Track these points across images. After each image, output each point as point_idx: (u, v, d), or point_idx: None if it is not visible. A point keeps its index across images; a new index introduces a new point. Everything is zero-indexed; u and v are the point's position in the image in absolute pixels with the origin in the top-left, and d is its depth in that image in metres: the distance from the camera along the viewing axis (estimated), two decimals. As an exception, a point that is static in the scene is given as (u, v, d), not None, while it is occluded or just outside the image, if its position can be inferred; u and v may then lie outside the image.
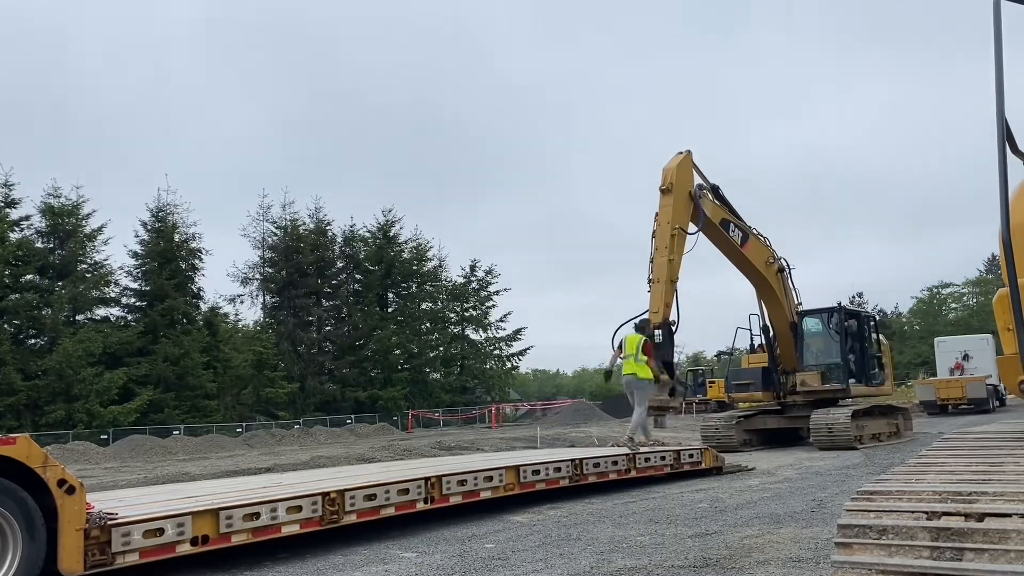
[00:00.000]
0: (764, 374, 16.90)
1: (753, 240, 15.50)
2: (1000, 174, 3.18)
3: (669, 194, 13.47)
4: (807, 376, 16.30)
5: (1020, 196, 4.21)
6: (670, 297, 12.78)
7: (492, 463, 9.27)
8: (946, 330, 55.57)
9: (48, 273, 40.13)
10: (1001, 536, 2.86)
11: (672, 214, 13.28)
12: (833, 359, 16.67)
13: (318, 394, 48.98)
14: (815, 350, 17.03)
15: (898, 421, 17.62)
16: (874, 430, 16.23)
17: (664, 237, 13.17)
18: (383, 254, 55.51)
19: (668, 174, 13.66)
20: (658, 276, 12.94)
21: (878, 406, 17.39)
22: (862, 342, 17.29)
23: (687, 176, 13.91)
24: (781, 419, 16.86)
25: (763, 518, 7.30)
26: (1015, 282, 3.26)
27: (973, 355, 32.11)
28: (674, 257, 13.02)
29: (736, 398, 17.96)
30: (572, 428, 30.07)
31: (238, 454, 25.03)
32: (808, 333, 17.07)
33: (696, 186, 14.02)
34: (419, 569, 5.68)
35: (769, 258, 15.92)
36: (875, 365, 17.65)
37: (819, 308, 17.26)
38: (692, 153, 14.13)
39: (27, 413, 35.91)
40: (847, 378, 16.39)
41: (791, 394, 16.64)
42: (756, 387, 16.93)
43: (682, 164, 13.85)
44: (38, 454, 4.90)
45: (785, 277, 16.38)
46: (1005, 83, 3.25)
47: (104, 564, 5.11)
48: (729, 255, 15.31)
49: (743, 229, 15.22)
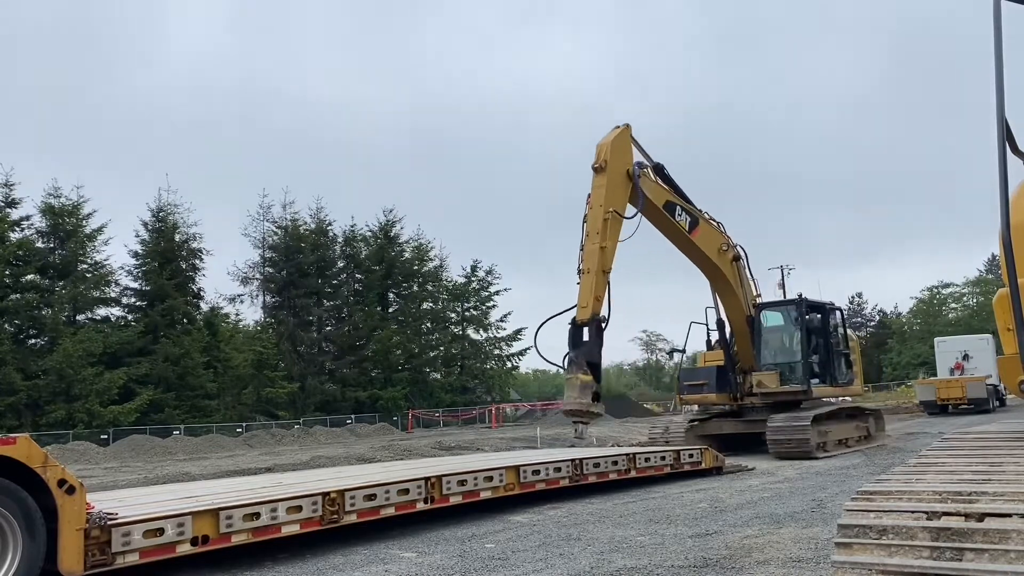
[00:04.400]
0: (719, 374, 15.40)
1: (704, 225, 14.02)
2: (1000, 174, 3.18)
3: (602, 173, 12.00)
4: (764, 376, 14.84)
5: (1020, 196, 4.21)
6: (601, 290, 11.41)
7: (492, 463, 9.27)
8: (946, 330, 55.52)
9: (48, 273, 40.11)
10: (1001, 536, 2.85)
11: (605, 195, 11.83)
12: (794, 357, 15.21)
13: (318, 394, 48.95)
14: (774, 347, 15.55)
15: (868, 424, 16.24)
16: (841, 435, 14.91)
17: (596, 222, 11.74)
18: (384, 254, 55.51)
19: (602, 150, 12.17)
20: (588, 266, 11.52)
21: (846, 408, 16.00)
22: (827, 338, 15.80)
23: (624, 153, 12.46)
24: (738, 423, 15.29)
25: (763, 518, 7.30)
26: (1015, 282, 3.26)
27: (973, 355, 32.11)
28: (607, 244, 11.57)
29: (688, 400, 16.43)
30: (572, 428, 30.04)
31: (238, 454, 25.03)
32: (766, 328, 15.54)
33: (635, 164, 12.57)
34: (419, 569, 5.68)
35: (723, 245, 14.44)
36: (842, 363, 16.16)
37: (778, 300, 15.91)
38: (631, 127, 12.70)
39: (27, 413, 35.90)
40: (808, 378, 14.88)
41: (749, 396, 15.17)
42: (710, 388, 15.39)
43: (618, 139, 12.39)
44: (38, 454, 4.90)
45: (741, 266, 14.88)
46: (1005, 83, 3.25)
47: (104, 564, 5.11)
48: (676, 242, 13.87)
49: (692, 213, 13.76)
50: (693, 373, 16.45)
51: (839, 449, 14.48)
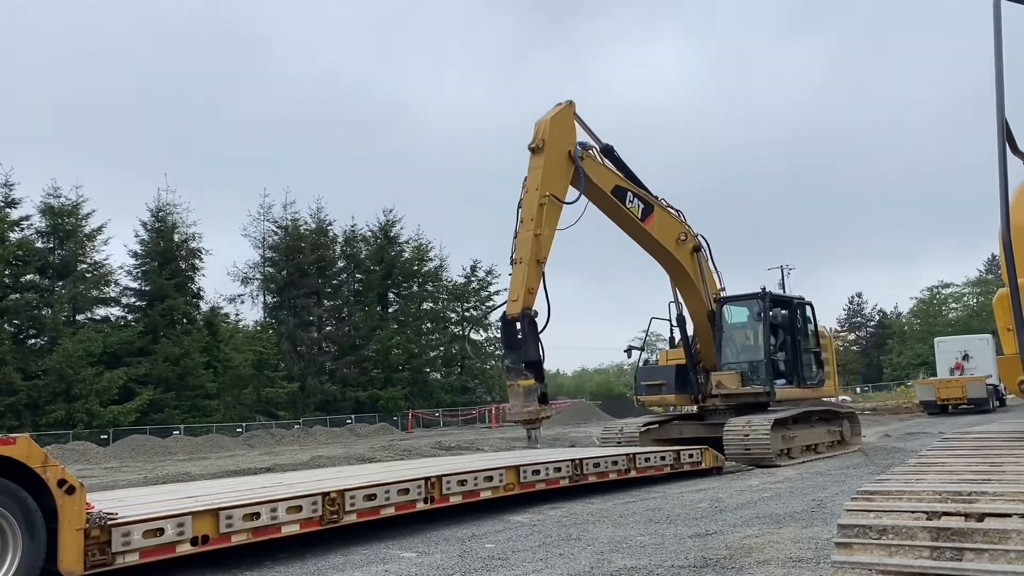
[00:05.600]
0: (679, 373, 14.36)
1: (659, 213, 13.02)
2: (1000, 174, 3.18)
3: (540, 153, 11.06)
4: (724, 376, 13.74)
5: (1020, 196, 4.21)
6: (534, 281, 10.52)
7: (492, 463, 9.26)
8: (946, 330, 55.58)
9: (48, 273, 40.13)
10: (1001, 536, 2.85)
11: (543, 178, 10.88)
12: (756, 355, 14.02)
13: (318, 394, 48.97)
14: (738, 345, 14.42)
15: (841, 428, 14.94)
16: (808, 440, 13.71)
17: (531, 207, 10.82)
18: (384, 254, 55.52)
19: (540, 128, 11.23)
20: (520, 255, 10.59)
21: (816, 411, 14.48)
22: (794, 335, 14.48)
23: (565, 131, 11.52)
24: (700, 427, 14.05)
25: (763, 518, 7.30)
26: (1015, 282, 3.26)
27: (973, 355, 32.14)
28: (542, 231, 10.66)
29: (646, 401, 15.28)
30: (572, 428, 30.11)
31: (238, 454, 25.04)
32: (729, 325, 14.41)
33: (578, 144, 11.63)
34: (419, 569, 5.68)
35: (680, 234, 13.41)
36: (811, 363, 14.87)
37: (741, 295, 14.57)
38: (575, 104, 11.81)
39: (27, 413, 35.91)
40: (772, 379, 13.66)
41: (711, 397, 14.08)
42: (669, 388, 14.36)
43: (559, 117, 11.47)
44: (38, 454, 4.90)
45: (702, 258, 13.85)
46: (1005, 83, 3.25)
47: (104, 564, 5.10)
48: (629, 230, 12.90)
49: (645, 199, 12.76)
50: (651, 372, 15.26)
51: (806, 456, 13.39)
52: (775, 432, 12.46)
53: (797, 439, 13.25)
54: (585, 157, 11.67)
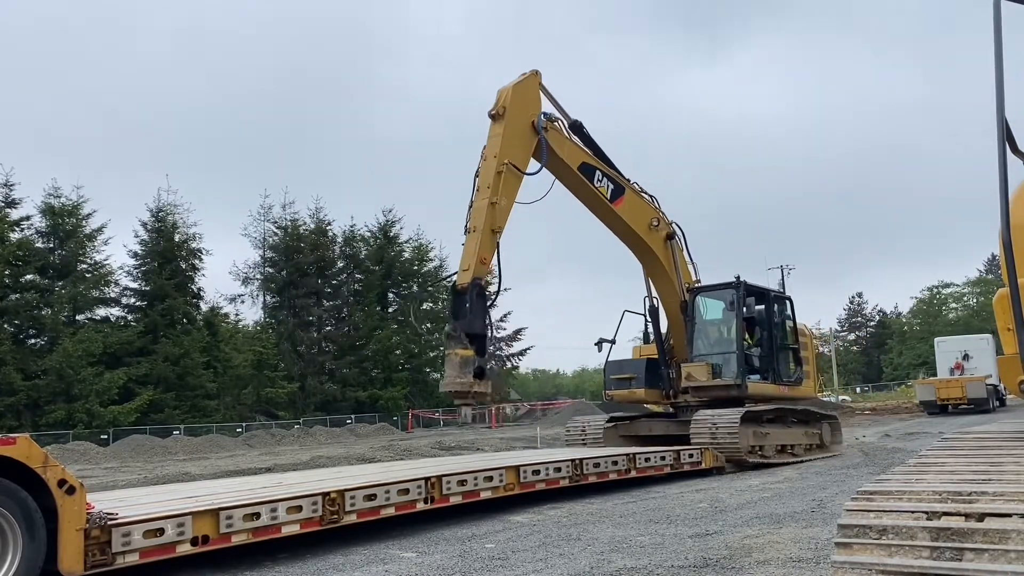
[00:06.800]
0: (649, 367, 13.78)
1: (631, 195, 12.54)
2: (1000, 174, 3.18)
3: (500, 120, 10.68)
4: (693, 368, 13.04)
5: (1020, 196, 4.21)
6: (488, 251, 10.08)
7: (492, 463, 9.27)
8: (946, 330, 55.63)
9: (48, 273, 40.15)
10: (1001, 536, 2.85)
11: (501, 146, 10.48)
12: (728, 348, 13.38)
13: (318, 394, 48.98)
14: (711, 338, 13.75)
15: (821, 431, 14.17)
16: (783, 441, 13.07)
17: (488, 175, 10.40)
18: (383, 254, 55.54)
19: (502, 95, 10.83)
20: (475, 224, 10.20)
21: (794, 411, 13.76)
22: (771, 329, 13.90)
23: (529, 100, 11.12)
24: (671, 424, 13.47)
25: (763, 518, 7.30)
26: (1015, 282, 3.26)
27: (973, 355, 32.17)
28: (499, 200, 10.26)
29: (615, 396, 14.48)
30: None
31: (238, 454, 25.03)
32: (702, 317, 13.80)
33: (542, 114, 11.23)
34: (419, 569, 5.68)
35: (653, 220, 12.94)
36: (788, 359, 14.25)
37: (715, 284, 13.91)
38: (541, 75, 11.42)
39: (27, 413, 35.93)
40: (744, 372, 12.97)
41: (683, 393, 13.47)
42: (639, 383, 13.75)
43: (522, 84, 11.05)
44: (38, 454, 4.90)
45: (676, 246, 13.35)
46: (1005, 83, 3.25)
47: (104, 564, 5.10)
48: (596, 211, 12.44)
49: (616, 180, 12.33)
50: (620, 366, 14.36)
51: (781, 457, 12.81)
52: (745, 428, 12.01)
53: (770, 437, 12.71)
54: (549, 129, 11.30)
